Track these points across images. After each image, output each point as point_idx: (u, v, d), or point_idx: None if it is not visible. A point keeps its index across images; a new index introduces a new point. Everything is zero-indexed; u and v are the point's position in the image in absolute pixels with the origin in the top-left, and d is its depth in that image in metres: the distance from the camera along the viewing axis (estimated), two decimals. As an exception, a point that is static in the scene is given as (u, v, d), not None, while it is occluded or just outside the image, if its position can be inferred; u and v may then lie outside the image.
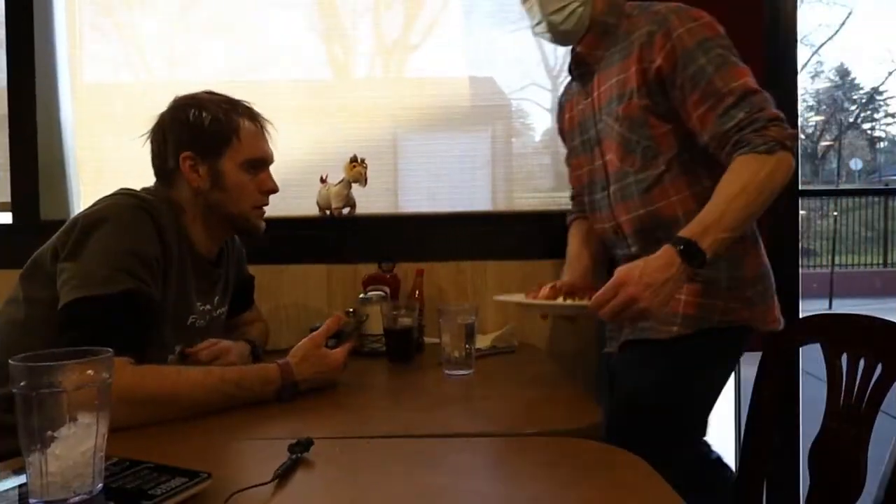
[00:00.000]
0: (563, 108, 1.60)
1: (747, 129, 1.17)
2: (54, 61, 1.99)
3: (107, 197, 1.22)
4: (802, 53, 3.25)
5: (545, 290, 1.31)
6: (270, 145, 1.38)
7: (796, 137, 1.20)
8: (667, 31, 1.25)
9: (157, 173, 1.33)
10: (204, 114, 1.29)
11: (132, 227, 1.15)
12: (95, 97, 2.06)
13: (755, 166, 1.14)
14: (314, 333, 1.25)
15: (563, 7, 1.36)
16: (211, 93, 1.35)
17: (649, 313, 1.10)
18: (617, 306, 1.09)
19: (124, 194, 1.22)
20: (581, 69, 1.47)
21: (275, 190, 1.37)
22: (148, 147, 1.33)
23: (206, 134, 1.28)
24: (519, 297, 1.37)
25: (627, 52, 1.32)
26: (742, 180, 1.14)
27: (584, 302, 1.18)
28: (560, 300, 1.26)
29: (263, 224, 1.38)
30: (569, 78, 1.56)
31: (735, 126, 1.18)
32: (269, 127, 1.38)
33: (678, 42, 1.24)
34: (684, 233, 1.12)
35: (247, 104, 1.36)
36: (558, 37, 1.42)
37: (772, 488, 1.58)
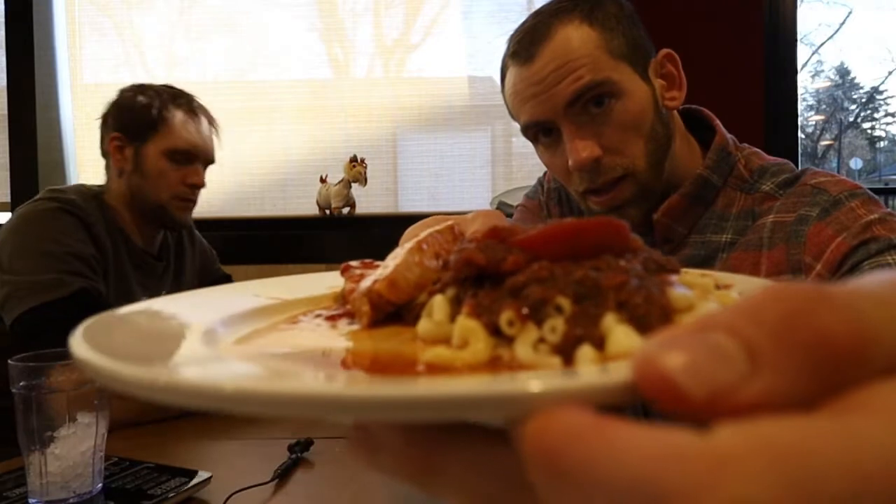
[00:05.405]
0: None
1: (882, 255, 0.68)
2: (54, 61, 1.99)
3: (28, 203, 1.20)
4: (802, 53, 3.23)
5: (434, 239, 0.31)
6: (213, 144, 1.35)
7: None
8: (842, 220, 0.71)
9: (102, 156, 1.33)
10: (140, 98, 1.29)
11: (61, 230, 1.15)
12: (95, 97, 2.06)
13: None
14: None
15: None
16: (169, 87, 1.34)
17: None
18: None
19: (45, 199, 1.20)
20: None
21: (199, 184, 1.33)
22: None
23: (136, 117, 1.28)
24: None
25: (731, 245, 0.78)
26: None
27: None
28: None
29: (188, 218, 1.35)
30: None
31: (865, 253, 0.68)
32: (213, 126, 1.36)
33: (867, 232, 0.69)
34: None
35: (194, 100, 1.34)
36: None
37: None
